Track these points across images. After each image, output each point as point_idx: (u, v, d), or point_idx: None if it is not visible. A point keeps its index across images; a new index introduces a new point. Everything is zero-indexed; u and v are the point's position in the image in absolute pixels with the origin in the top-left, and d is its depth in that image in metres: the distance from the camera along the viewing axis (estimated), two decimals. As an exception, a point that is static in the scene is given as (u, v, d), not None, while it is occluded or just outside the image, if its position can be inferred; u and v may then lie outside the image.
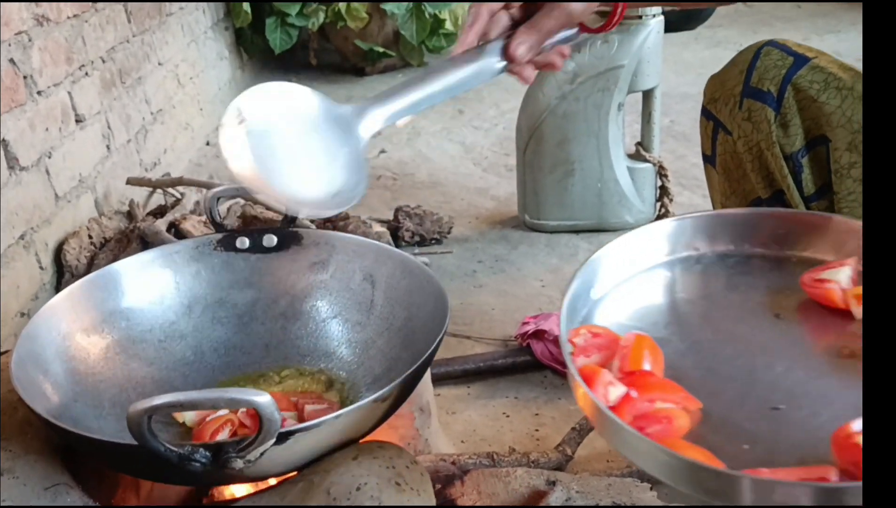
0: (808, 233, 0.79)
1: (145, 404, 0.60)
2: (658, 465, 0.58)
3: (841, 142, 1.02)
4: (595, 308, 0.77)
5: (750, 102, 1.06)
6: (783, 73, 1.04)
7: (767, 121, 1.04)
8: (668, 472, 0.57)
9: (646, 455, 0.58)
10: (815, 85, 1.02)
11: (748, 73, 1.07)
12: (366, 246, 1.00)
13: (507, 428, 1.31)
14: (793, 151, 1.05)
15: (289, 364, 0.96)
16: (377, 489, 0.65)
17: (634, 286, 0.79)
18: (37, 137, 1.72)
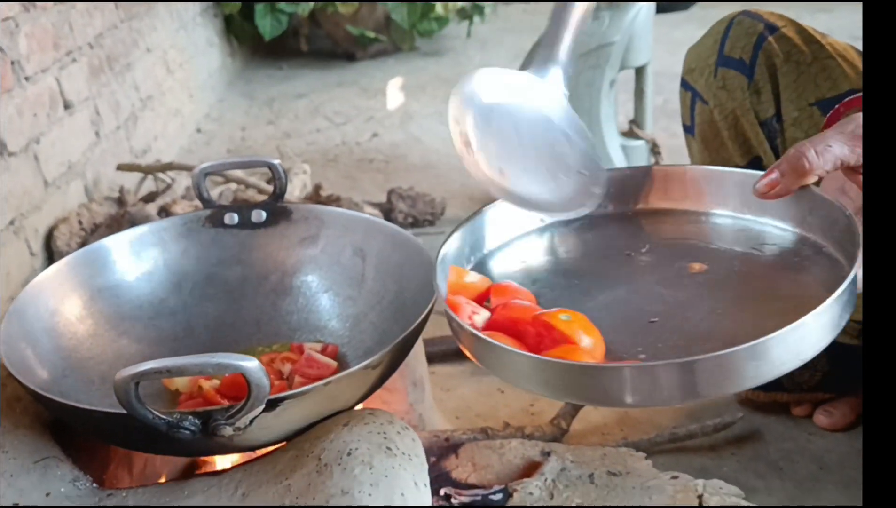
0: (646, 187, 0.85)
1: (132, 370, 0.59)
2: (530, 376, 0.62)
3: (788, 116, 1.02)
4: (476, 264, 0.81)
5: (724, 70, 1.06)
6: (754, 40, 1.04)
7: (741, 88, 1.05)
8: (543, 381, 0.61)
9: (521, 368, 0.62)
10: (780, 55, 1.03)
11: (722, 42, 1.07)
12: (356, 220, 0.99)
13: (502, 404, 1.31)
14: (767, 118, 1.06)
15: (280, 340, 0.96)
16: (368, 454, 0.65)
17: (511, 249, 0.83)
18: (25, 123, 1.70)
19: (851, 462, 1.11)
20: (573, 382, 0.61)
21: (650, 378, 0.58)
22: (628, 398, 0.59)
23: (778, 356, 0.58)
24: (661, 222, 0.84)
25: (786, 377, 1.14)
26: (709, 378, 0.57)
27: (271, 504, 0.64)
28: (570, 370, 0.61)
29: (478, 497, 0.90)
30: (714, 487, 0.90)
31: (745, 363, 0.57)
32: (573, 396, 0.65)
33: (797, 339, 0.58)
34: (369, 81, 3.42)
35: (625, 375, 0.59)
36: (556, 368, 0.61)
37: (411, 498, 0.64)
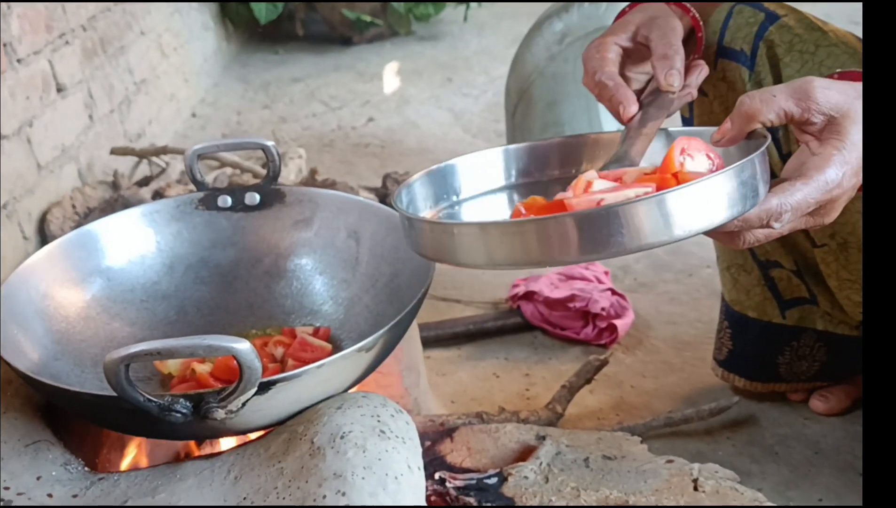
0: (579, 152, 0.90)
1: (122, 352, 0.59)
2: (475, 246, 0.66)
3: None
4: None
5: (724, 62, 1.04)
6: (755, 30, 1.02)
7: (742, 80, 1.03)
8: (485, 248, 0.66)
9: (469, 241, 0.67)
10: (783, 45, 1.01)
11: (721, 32, 1.05)
12: (350, 203, 0.98)
13: (498, 388, 1.31)
14: None
15: (274, 323, 0.95)
16: (361, 437, 0.64)
17: (478, 201, 0.87)
18: (17, 105, 1.69)
19: (847, 446, 1.11)
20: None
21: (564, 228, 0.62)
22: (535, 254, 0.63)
23: (688, 208, 0.62)
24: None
25: (783, 368, 1.15)
26: (620, 227, 0.61)
27: (264, 487, 0.64)
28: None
29: (472, 480, 0.90)
30: (709, 471, 0.90)
31: (657, 212, 0.61)
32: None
33: (705, 195, 0.63)
34: (365, 66, 3.40)
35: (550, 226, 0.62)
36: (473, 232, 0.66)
37: (405, 481, 0.63)
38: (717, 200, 0.64)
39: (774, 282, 1.12)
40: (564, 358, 1.36)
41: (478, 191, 0.87)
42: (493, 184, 0.88)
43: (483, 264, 0.67)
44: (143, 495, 0.66)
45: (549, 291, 1.44)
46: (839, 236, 0.97)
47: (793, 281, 1.11)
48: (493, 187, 0.88)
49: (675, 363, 1.33)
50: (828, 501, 1.02)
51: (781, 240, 1.10)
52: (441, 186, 0.85)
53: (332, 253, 0.97)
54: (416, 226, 0.70)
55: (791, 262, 1.10)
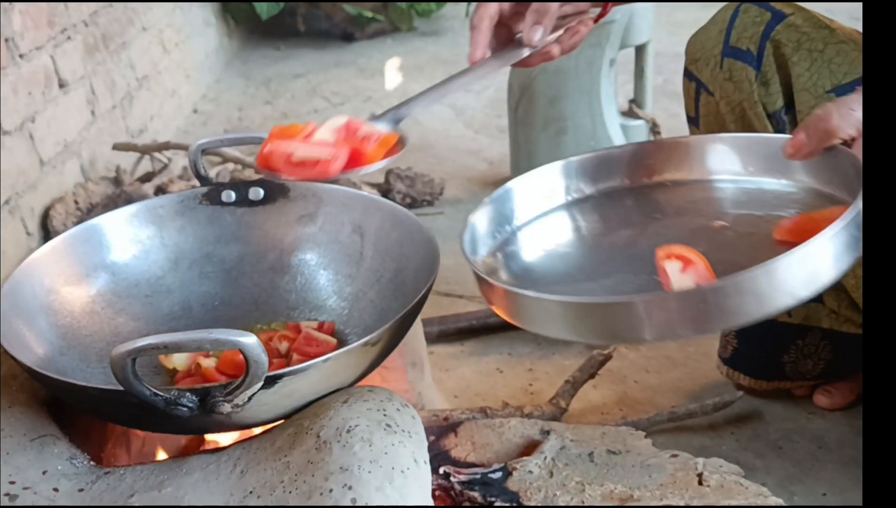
0: (666, 158, 0.87)
1: (128, 346, 0.59)
2: (555, 319, 0.63)
3: (804, 105, 1.00)
4: (503, 244, 0.84)
5: (730, 61, 1.04)
6: (761, 30, 1.02)
7: (749, 80, 1.03)
8: (569, 323, 0.63)
9: (550, 313, 0.64)
10: (791, 44, 1.00)
11: (727, 32, 1.05)
12: (354, 198, 0.98)
13: (501, 384, 1.31)
14: (775, 110, 1.03)
15: (278, 318, 0.95)
16: (367, 431, 0.64)
17: (535, 225, 0.86)
18: (20, 101, 1.69)
19: (850, 441, 1.11)
20: (589, 320, 0.63)
21: (663, 309, 0.59)
22: (646, 332, 0.59)
23: (787, 280, 0.58)
24: (674, 191, 0.86)
25: (788, 366, 1.15)
26: (723, 305, 0.58)
27: (270, 481, 0.64)
28: (582, 308, 0.62)
29: (477, 475, 0.89)
30: (714, 465, 0.90)
31: (757, 286, 0.58)
32: (596, 335, 0.68)
33: (806, 263, 0.59)
34: (367, 62, 3.40)
35: (637, 308, 0.59)
36: (573, 308, 0.62)
37: (411, 475, 0.63)
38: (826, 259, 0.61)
39: (780, 280, 1.12)
40: (568, 353, 1.36)
41: (535, 214, 0.85)
42: (551, 204, 0.86)
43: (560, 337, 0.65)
44: (149, 489, 0.66)
45: (552, 286, 1.44)
46: None
47: None
48: (552, 207, 0.86)
49: (679, 358, 1.33)
50: (832, 495, 1.02)
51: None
52: (500, 214, 0.83)
53: (336, 248, 0.97)
54: (495, 290, 0.68)
55: None
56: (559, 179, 0.87)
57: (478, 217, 0.80)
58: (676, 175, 0.86)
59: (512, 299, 0.66)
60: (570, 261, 0.79)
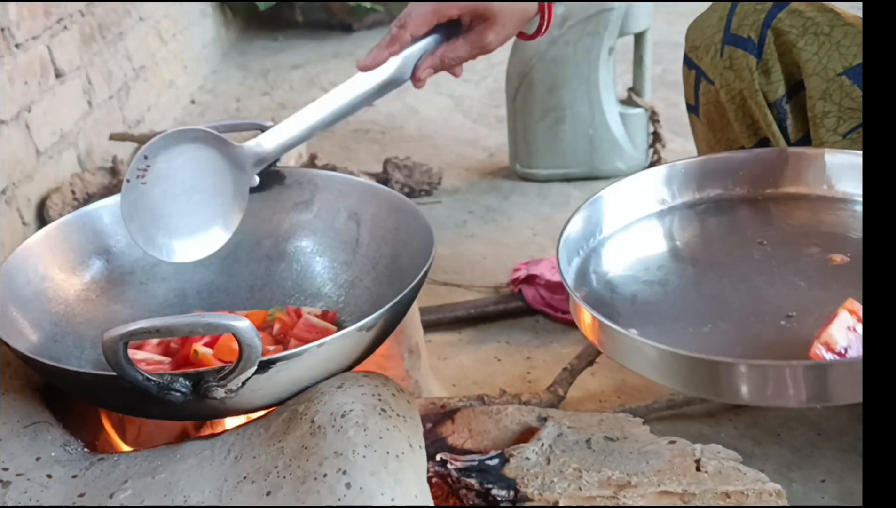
0: (778, 170, 0.82)
1: (120, 330, 0.58)
2: (660, 366, 0.61)
3: (815, 91, 0.99)
4: (592, 253, 0.80)
5: (731, 49, 1.03)
6: (762, 17, 1.00)
7: (749, 69, 1.02)
8: (671, 372, 0.61)
9: (650, 358, 0.61)
10: (794, 30, 0.99)
11: (728, 19, 1.03)
12: (350, 184, 0.98)
13: (499, 372, 1.30)
14: (776, 99, 1.02)
15: (274, 305, 0.95)
16: (362, 415, 0.64)
17: (630, 233, 0.82)
18: (16, 91, 1.68)
19: (849, 428, 1.11)
20: (697, 376, 0.60)
21: (776, 378, 0.56)
22: (748, 395, 0.58)
23: None
24: (795, 208, 0.80)
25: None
26: (841, 383, 0.55)
27: (264, 466, 0.64)
28: (694, 363, 0.60)
29: (474, 462, 0.89)
30: (712, 451, 0.90)
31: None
32: (700, 391, 0.65)
33: None
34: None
35: (742, 372, 0.57)
36: (685, 361, 0.60)
37: (406, 460, 0.63)
38: None
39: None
40: (566, 342, 1.36)
41: (625, 222, 0.81)
42: (642, 211, 0.82)
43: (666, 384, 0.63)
44: (142, 475, 0.66)
45: (550, 274, 1.44)
46: None
47: None
48: (643, 215, 0.82)
49: (677, 346, 1.33)
50: (830, 482, 1.02)
51: None
52: (591, 223, 0.80)
53: (332, 235, 0.96)
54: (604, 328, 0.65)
55: None
56: (660, 183, 0.82)
57: (572, 225, 0.76)
58: (799, 189, 0.79)
59: (630, 344, 0.64)
60: (672, 291, 0.73)
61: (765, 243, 0.76)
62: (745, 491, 0.84)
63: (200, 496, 0.63)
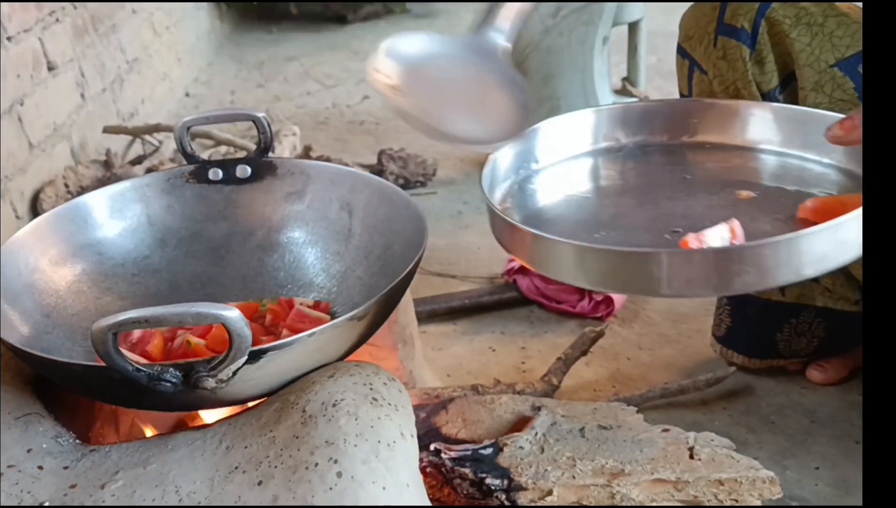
0: (711, 119, 0.86)
1: (110, 320, 0.58)
2: (580, 266, 0.64)
3: (807, 81, 0.99)
4: (519, 182, 0.83)
5: (724, 39, 1.02)
6: (756, 7, 1.00)
7: (742, 59, 1.01)
8: (590, 270, 0.63)
9: (567, 257, 0.64)
10: (788, 20, 0.99)
11: (721, 9, 1.03)
12: (342, 174, 0.97)
13: (494, 362, 1.30)
14: (769, 89, 1.02)
15: (267, 296, 0.94)
16: (353, 405, 0.64)
17: (558, 168, 0.86)
18: (8, 84, 1.67)
19: (843, 415, 1.11)
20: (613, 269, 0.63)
21: (687, 265, 0.60)
22: (664, 286, 0.60)
23: (816, 251, 0.60)
24: (709, 154, 0.85)
25: (782, 344, 1.14)
26: (746, 268, 0.59)
27: (256, 456, 0.63)
28: (611, 256, 0.63)
29: (468, 451, 0.89)
30: (705, 439, 0.90)
31: (783, 255, 0.59)
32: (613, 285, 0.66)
33: (833, 236, 0.60)
34: (360, 44, 3.37)
35: (662, 260, 0.60)
36: (598, 255, 0.63)
37: (398, 449, 0.63)
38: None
39: (774, 258, 1.11)
40: (560, 332, 1.36)
41: (561, 157, 0.85)
42: (576, 149, 0.86)
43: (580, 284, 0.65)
44: (134, 465, 0.66)
45: (544, 265, 1.43)
46: None
47: None
48: (576, 153, 0.86)
49: (672, 335, 1.33)
50: (824, 469, 1.02)
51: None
52: (523, 154, 0.83)
53: (324, 225, 0.96)
54: (516, 231, 0.68)
55: None
56: (593, 125, 0.87)
57: (502, 154, 0.79)
58: (718, 138, 0.84)
59: (528, 239, 0.67)
60: (586, 208, 0.78)
61: (688, 179, 0.81)
62: (739, 479, 0.84)
63: (192, 486, 0.63)
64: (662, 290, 0.61)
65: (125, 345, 0.80)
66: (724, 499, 0.85)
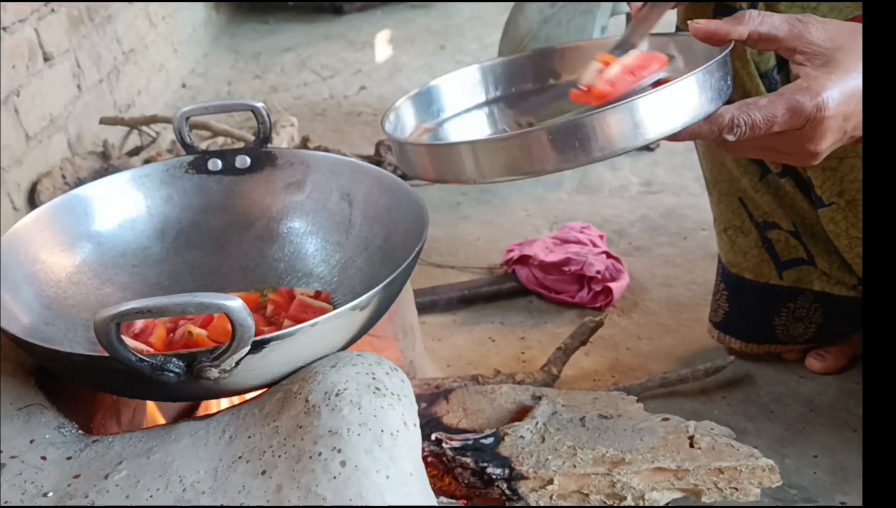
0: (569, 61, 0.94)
1: (112, 310, 0.58)
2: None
3: None
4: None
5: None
6: None
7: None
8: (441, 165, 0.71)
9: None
10: (783, 1, 0.99)
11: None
12: (342, 164, 0.97)
13: (493, 352, 1.30)
14: (767, 70, 1.02)
15: (267, 287, 0.94)
16: (356, 394, 0.64)
17: (462, 117, 0.93)
18: (4, 74, 1.66)
19: (842, 403, 1.11)
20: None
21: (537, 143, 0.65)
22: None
23: (655, 113, 0.65)
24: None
25: (780, 330, 1.15)
26: (594, 137, 0.64)
27: (259, 446, 0.64)
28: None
29: (469, 441, 0.89)
30: (705, 428, 0.90)
31: (626, 121, 0.64)
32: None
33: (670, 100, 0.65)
34: (356, 34, 3.36)
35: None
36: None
37: (401, 438, 0.63)
38: (683, 103, 0.66)
39: (772, 243, 1.12)
40: (560, 322, 1.36)
41: (460, 109, 0.92)
42: (474, 101, 0.92)
43: (472, 180, 0.70)
44: (137, 455, 0.66)
45: (543, 255, 1.44)
46: (848, 193, 0.96)
47: (790, 242, 1.10)
48: (475, 104, 0.92)
49: (671, 324, 1.33)
50: (823, 458, 1.03)
51: (779, 201, 1.09)
52: (425, 107, 0.89)
53: (324, 216, 0.96)
54: (406, 149, 0.74)
55: (789, 223, 1.09)
56: (479, 80, 0.93)
57: (402, 104, 0.86)
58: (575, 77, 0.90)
59: (418, 152, 0.73)
60: (484, 133, 0.88)
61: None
62: (739, 467, 0.85)
63: (195, 476, 0.63)
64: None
65: (127, 336, 0.80)
66: (724, 487, 0.85)
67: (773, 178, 1.08)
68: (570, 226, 1.55)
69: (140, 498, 0.62)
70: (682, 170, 1.88)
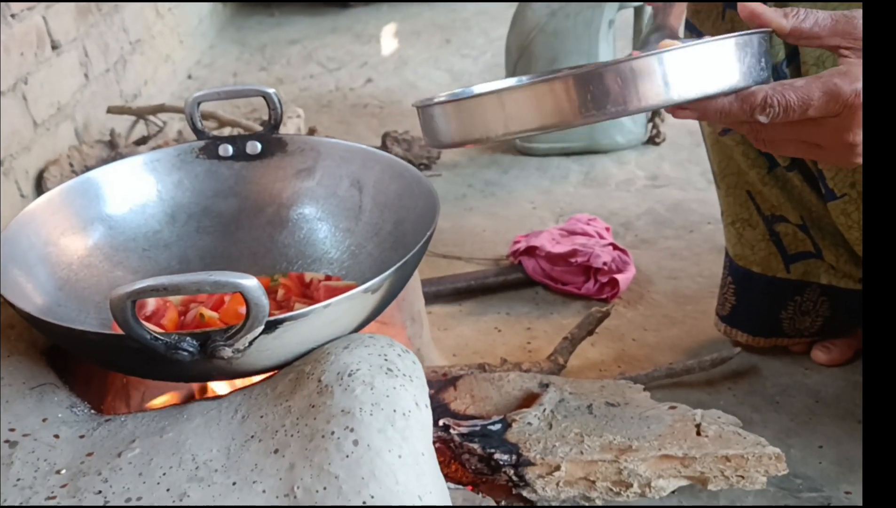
0: None
1: (128, 288, 0.58)
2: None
3: (809, 56, 0.99)
4: None
5: (732, 13, 1.02)
6: None
7: None
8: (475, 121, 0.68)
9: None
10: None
11: None
12: (353, 151, 0.97)
13: (500, 342, 1.31)
14: (776, 62, 1.02)
15: (277, 272, 0.95)
16: (369, 375, 0.64)
17: None
18: (12, 62, 1.67)
19: (847, 395, 1.11)
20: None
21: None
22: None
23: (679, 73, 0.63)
24: None
25: (786, 323, 1.15)
26: (597, 93, 0.62)
27: (272, 425, 0.64)
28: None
29: (477, 427, 0.90)
30: (712, 416, 0.91)
31: (652, 75, 0.62)
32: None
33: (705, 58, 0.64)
34: (363, 27, 3.36)
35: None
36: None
37: (413, 418, 0.63)
38: (716, 66, 0.64)
39: (779, 237, 1.12)
40: (566, 313, 1.37)
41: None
42: None
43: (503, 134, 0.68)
44: (150, 434, 0.66)
45: (550, 246, 1.44)
46: (860, 185, 0.96)
47: (798, 235, 1.11)
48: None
49: (677, 316, 1.34)
50: (828, 448, 1.03)
51: (787, 194, 1.09)
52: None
53: (334, 202, 0.96)
54: (432, 113, 0.71)
55: (797, 216, 1.09)
56: None
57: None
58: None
59: (444, 111, 0.71)
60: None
61: None
62: (746, 455, 0.85)
63: (208, 454, 0.63)
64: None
65: (140, 318, 0.81)
66: (731, 476, 0.85)
67: (782, 171, 1.09)
68: (577, 218, 1.55)
69: (153, 476, 0.62)
70: (687, 165, 1.88)
